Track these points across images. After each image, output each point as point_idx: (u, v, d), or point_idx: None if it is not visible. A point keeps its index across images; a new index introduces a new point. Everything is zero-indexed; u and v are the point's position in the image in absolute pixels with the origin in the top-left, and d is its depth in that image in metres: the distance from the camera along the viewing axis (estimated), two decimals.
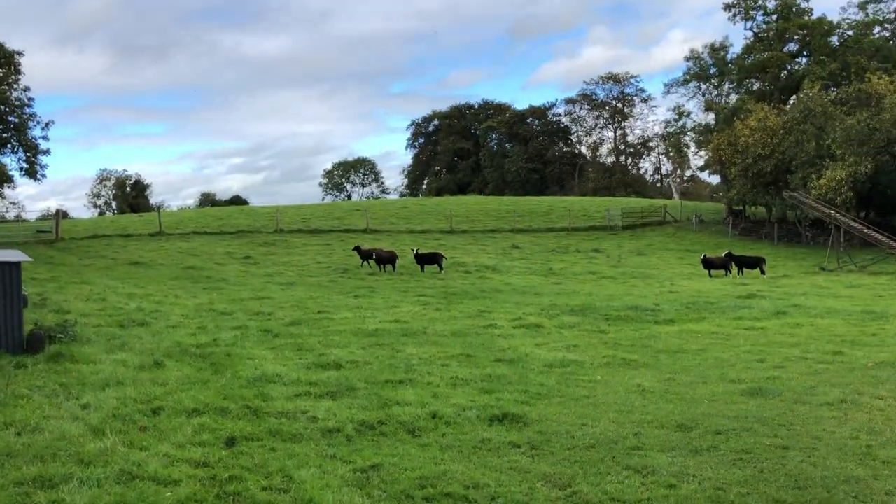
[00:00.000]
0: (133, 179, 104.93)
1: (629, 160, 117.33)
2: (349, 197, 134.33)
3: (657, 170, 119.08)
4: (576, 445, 7.52)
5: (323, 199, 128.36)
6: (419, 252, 32.43)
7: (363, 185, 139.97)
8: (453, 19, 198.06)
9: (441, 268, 31.19)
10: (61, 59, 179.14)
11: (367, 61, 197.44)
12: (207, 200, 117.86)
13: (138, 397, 9.48)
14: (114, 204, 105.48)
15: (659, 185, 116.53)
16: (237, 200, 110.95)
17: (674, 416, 8.58)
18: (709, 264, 33.10)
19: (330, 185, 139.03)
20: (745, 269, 33.00)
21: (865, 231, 37.49)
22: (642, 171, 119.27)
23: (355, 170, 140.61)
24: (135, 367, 11.55)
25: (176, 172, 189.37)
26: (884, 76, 45.98)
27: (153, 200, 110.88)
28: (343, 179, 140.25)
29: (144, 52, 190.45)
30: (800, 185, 44.91)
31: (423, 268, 31.49)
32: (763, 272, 32.29)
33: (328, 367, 11.63)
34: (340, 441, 7.77)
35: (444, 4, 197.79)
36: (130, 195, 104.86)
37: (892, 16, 63.08)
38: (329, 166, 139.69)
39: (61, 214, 46.19)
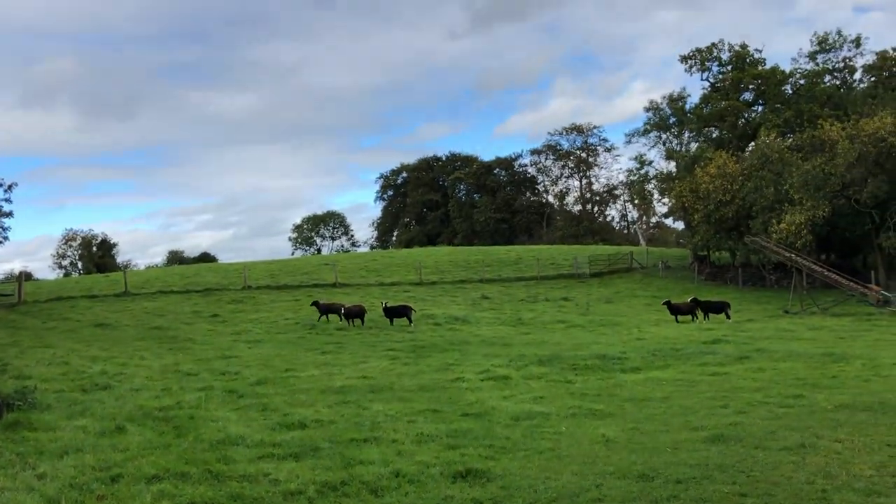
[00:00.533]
0: (99, 239, 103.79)
1: (596, 208, 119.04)
2: (319, 251, 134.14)
3: (623, 217, 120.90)
4: (538, 500, 7.54)
5: (293, 254, 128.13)
6: (388, 305, 32.42)
7: (333, 239, 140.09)
8: (420, 73, 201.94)
9: (410, 321, 31.18)
10: (27, 120, 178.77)
11: (336, 115, 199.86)
12: (175, 258, 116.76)
13: (97, 465, 9.31)
14: (80, 264, 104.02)
15: (626, 231, 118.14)
16: (206, 257, 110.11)
17: (636, 466, 8.64)
18: (675, 310, 33.51)
19: (300, 240, 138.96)
20: (710, 314, 33.43)
21: (826, 273, 38.27)
22: (609, 218, 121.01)
23: (325, 223, 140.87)
24: (95, 434, 11.35)
25: (143, 230, 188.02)
26: (836, 123, 47.51)
27: (120, 259, 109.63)
28: (313, 233, 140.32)
29: (111, 111, 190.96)
30: (761, 229, 45.90)
31: (392, 321, 31.46)
32: (728, 317, 32.73)
33: (293, 428, 11.54)
34: None
35: (410, 58, 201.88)
36: (97, 255, 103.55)
37: (842, 65, 65.57)
38: (298, 221, 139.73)
39: (24, 276, 45.45)
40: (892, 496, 7.20)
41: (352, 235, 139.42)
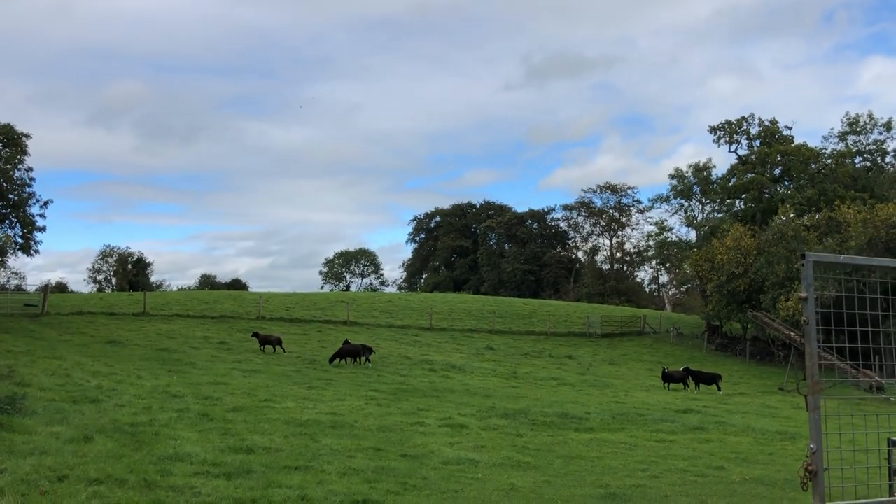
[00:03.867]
0: (135, 257, 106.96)
1: (625, 268, 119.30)
2: (348, 287, 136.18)
3: (655, 279, 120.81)
4: None
5: (322, 288, 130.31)
6: (348, 342, 33.82)
7: (362, 276, 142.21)
8: (473, 121, 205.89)
9: (368, 360, 32.21)
10: (90, 138, 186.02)
11: (386, 156, 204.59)
12: (207, 282, 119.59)
13: (53, 465, 10.57)
14: (114, 280, 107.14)
15: (656, 294, 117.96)
16: (236, 284, 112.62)
17: None
18: (668, 378, 34.16)
19: (330, 275, 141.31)
20: (702, 385, 33.93)
21: (822, 355, 38.47)
22: (638, 279, 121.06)
23: (356, 260, 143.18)
24: (65, 440, 12.63)
25: (186, 252, 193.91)
26: (853, 205, 47.95)
27: (154, 279, 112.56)
28: (343, 269, 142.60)
29: (171, 135, 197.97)
30: (770, 305, 46.28)
31: (354, 360, 32.45)
32: (719, 388, 33.20)
33: (240, 452, 12.71)
34: None
35: (465, 106, 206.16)
36: (131, 272, 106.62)
37: (873, 147, 66.04)
38: (331, 255, 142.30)
39: (54, 288, 47.61)
40: None
41: (381, 274, 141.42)
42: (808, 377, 3.77)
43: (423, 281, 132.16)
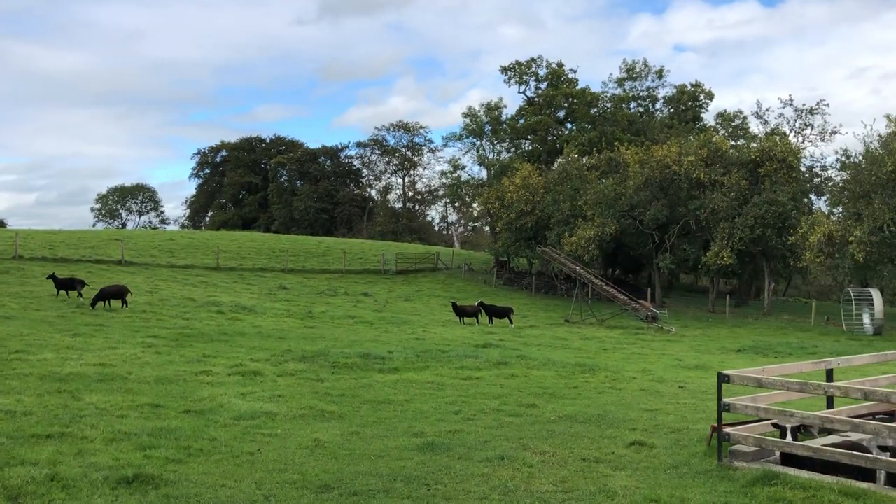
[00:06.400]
0: None
1: (417, 207, 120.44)
2: (124, 225, 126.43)
3: (444, 218, 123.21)
4: None
5: (94, 226, 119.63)
6: (56, 276, 31.35)
7: (140, 214, 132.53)
8: (264, 54, 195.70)
9: (80, 294, 29.95)
10: None
11: (169, 87, 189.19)
12: None
13: None
14: None
15: (445, 233, 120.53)
16: None
17: (325, 476, 8.27)
18: (460, 311, 34.21)
19: (103, 212, 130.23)
20: (495, 319, 34.40)
21: (604, 287, 40.68)
22: (429, 218, 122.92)
23: (133, 196, 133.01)
24: None
25: None
26: (631, 147, 50.73)
27: None
28: (118, 206, 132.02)
29: None
30: (555, 241, 48.15)
31: (64, 293, 30.28)
32: (511, 322, 33.82)
33: None
34: None
35: (256, 39, 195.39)
36: None
37: (645, 94, 70.42)
38: (105, 191, 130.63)
39: None
40: None
41: (161, 212, 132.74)
42: None
43: (208, 219, 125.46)
